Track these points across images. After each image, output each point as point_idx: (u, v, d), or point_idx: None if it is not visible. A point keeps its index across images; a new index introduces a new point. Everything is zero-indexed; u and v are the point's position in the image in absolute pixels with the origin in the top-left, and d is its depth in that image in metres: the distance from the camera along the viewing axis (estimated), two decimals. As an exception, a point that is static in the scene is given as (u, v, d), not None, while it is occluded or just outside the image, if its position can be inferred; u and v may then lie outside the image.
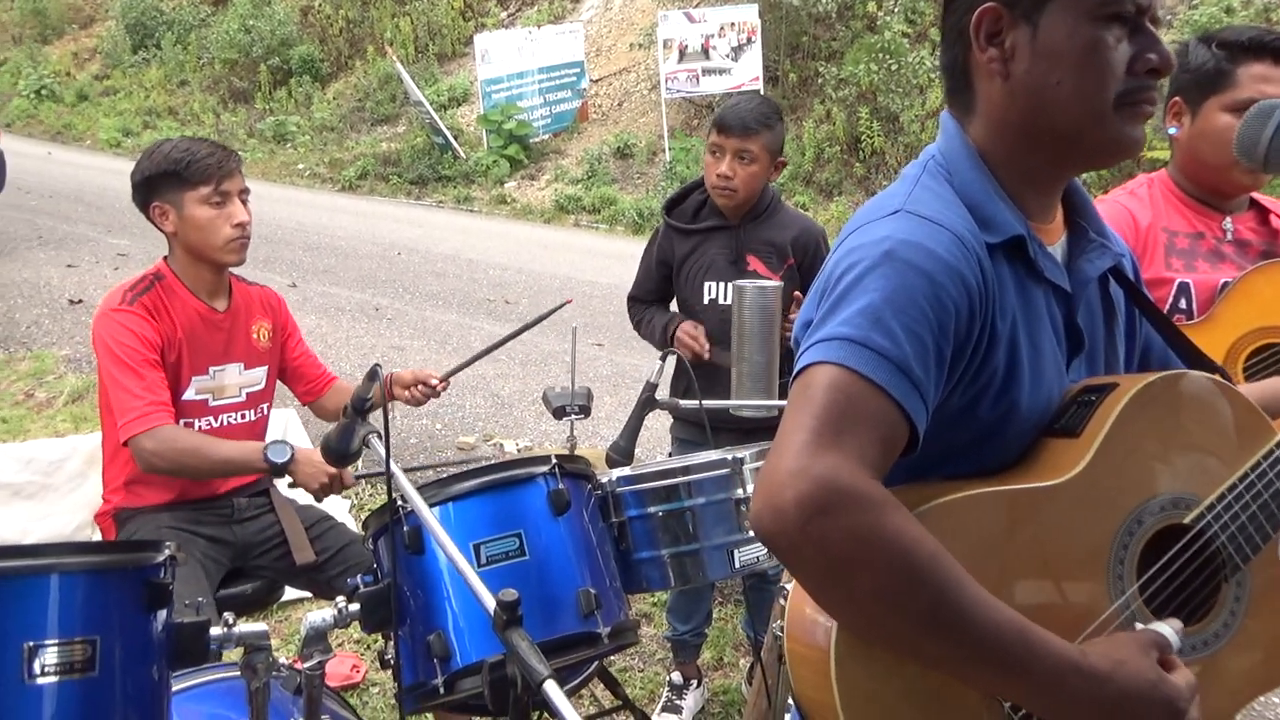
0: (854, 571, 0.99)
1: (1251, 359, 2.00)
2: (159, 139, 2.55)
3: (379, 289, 8.14)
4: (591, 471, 1.94)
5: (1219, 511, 1.18)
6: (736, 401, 2.37)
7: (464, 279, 8.56)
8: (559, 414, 2.24)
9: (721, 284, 2.75)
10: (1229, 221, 2.08)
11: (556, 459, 1.82)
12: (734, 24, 11.80)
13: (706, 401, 2.14)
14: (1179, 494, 1.18)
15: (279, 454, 2.27)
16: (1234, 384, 1.26)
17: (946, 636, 1.00)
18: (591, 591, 1.72)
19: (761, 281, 2.45)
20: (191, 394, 2.47)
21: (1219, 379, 1.23)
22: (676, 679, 3.08)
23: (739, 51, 11.83)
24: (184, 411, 2.45)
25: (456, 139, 13.23)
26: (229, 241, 2.44)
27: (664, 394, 2.26)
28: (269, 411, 2.68)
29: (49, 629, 1.31)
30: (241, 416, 2.57)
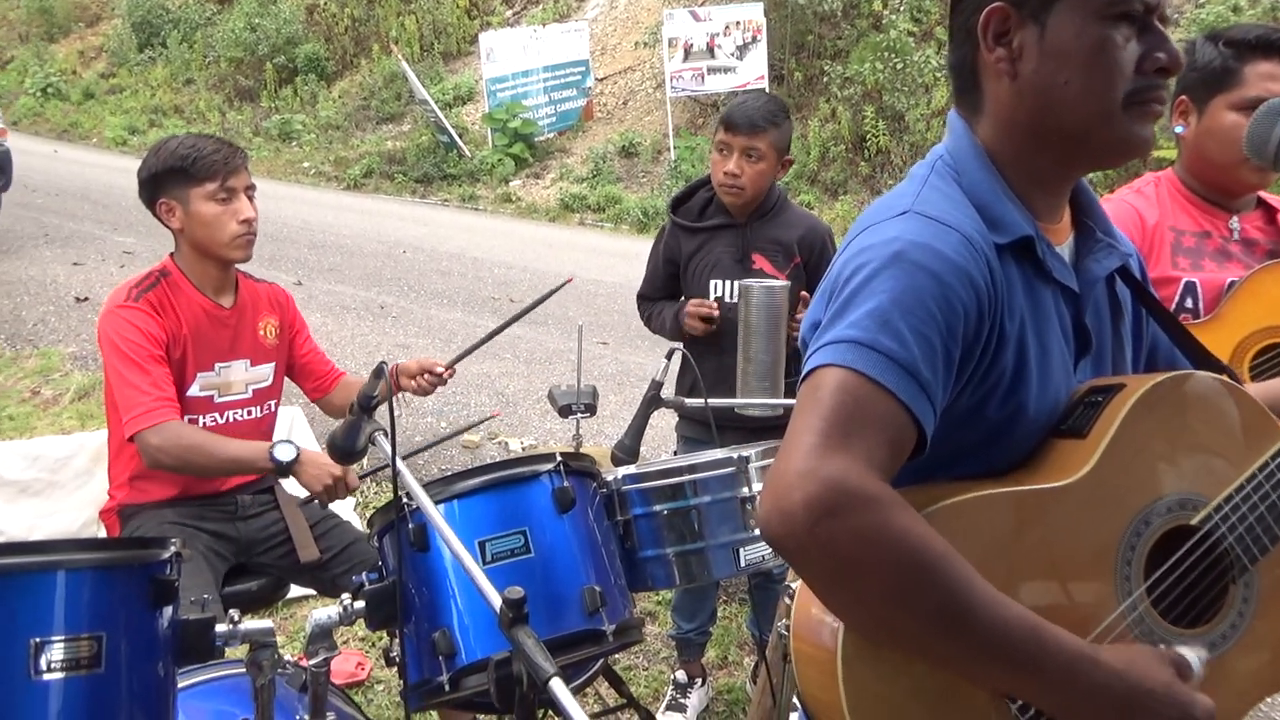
0: (862, 573, 0.99)
1: (1258, 358, 1.99)
2: (165, 136, 2.55)
3: (384, 287, 8.14)
4: (597, 469, 1.93)
5: (1226, 512, 1.17)
6: (742, 400, 2.37)
7: (469, 277, 8.57)
8: (564, 412, 2.24)
9: (727, 282, 2.74)
10: (1236, 220, 2.07)
11: (562, 457, 1.82)
12: (739, 22, 11.79)
13: (712, 400, 2.14)
14: (1186, 495, 1.17)
15: (285, 454, 2.27)
16: (1241, 384, 1.25)
17: (956, 635, 1.00)
18: (596, 589, 1.72)
19: (769, 281, 2.45)
20: (196, 390, 2.47)
21: (1226, 379, 1.23)
22: (681, 677, 3.08)
23: (744, 50, 11.81)
24: (189, 408, 2.45)
25: (461, 137, 13.24)
26: (235, 238, 2.44)
27: (669, 392, 2.26)
28: (276, 409, 2.68)
29: (55, 625, 1.31)
30: (247, 413, 2.57)
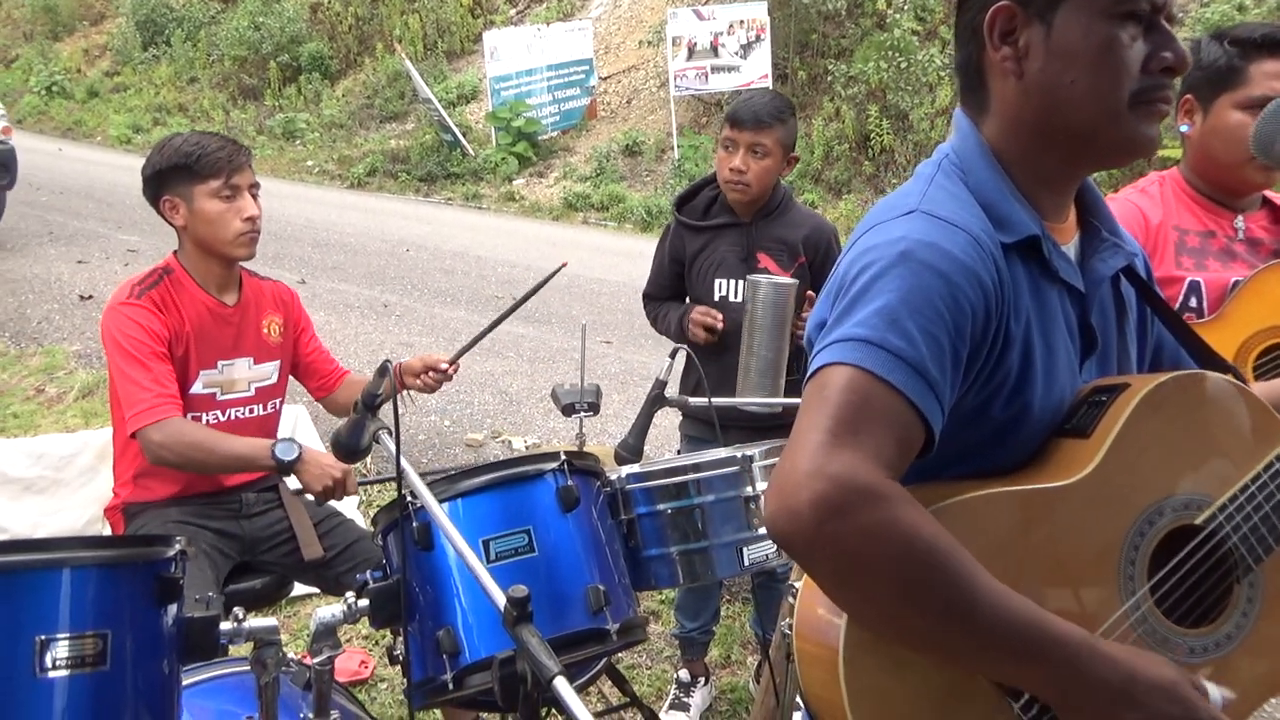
0: (871, 570, 0.99)
1: (1262, 358, 1.99)
2: (169, 134, 2.56)
3: (388, 286, 8.15)
4: (600, 468, 1.94)
5: (1231, 512, 1.17)
6: (744, 400, 2.37)
7: (472, 276, 8.57)
8: (568, 411, 2.24)
9: (732, 281, 2.74)
10: (1241, 220, 2.07)
11: (566, 455, 1.82)
12: (743, 21, 11.79)
13: (716, 399, 2.14)
14: (1191, 494, 1.17)
15: (286, 452, 2.27)
16: (1246, 384, 1.25)
17: (963, 629, 1.00)
18: (600, 588, 1.72)
19: (777, 278, 2.45)
20: (199, 388, 2.47)
21: (1231, 379, 1.23)
22: (684, 677, 3.08)
23: (748, 49, 11.81)
24: (192, 405, 2.45)
25: (465, 136, 13.24)
26: (238, 235, 2.44)
27: (673, 391, 2.25)
28: (280, 407, 2.67)
29: (60, 623, 1.31)
30: (250, 411, 2.56)
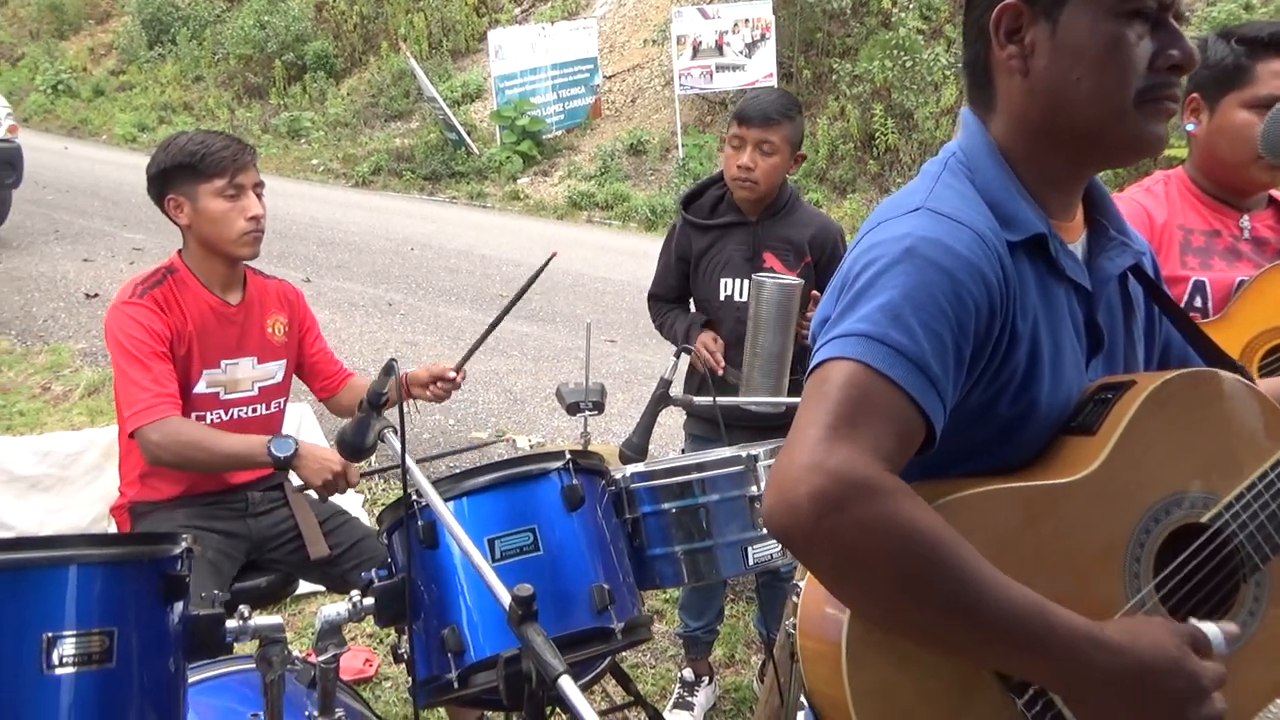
0: (870, 563, 0.99)
1: (1267, 357, 1.99)
2: (174, 133, 2.56)
3: (392, 284, 8.15)
4: (605, 467, 1.94)
5: (1237, 510, 1.17)
6: (747, 399, 2.37)
7: (477, 275, 8.57)
8: (572, 410, 2.24)
9: (738, 281, 2.74)
10: (1246, 219, 2.07)
11: (570, 454, 1.82)
12: (748, 20, 11.77)
13: (720, 399, 2.14)
14: (1197, 492, 1.17)
15: (282, 448, 2.26)
16: (1254, 382, 1.25)
17: (965, 620, 1.00)
18: (605, 587, 1.72)
19: (782, 277, 2.45)
20: (202, 387, 2.48)
21: (1238, 377, 1.22)
22: (688, 676, 3.08)
23: (753, 48, 11.79)
24: (195, 405, 2.46)
25: (470, 135, 13.23)
26: (242, 234, 2.44)
27: (678, 390, 2.26)
28: (284, 406, 2.68)
29: (67, 620, 1.32)
30: (253, 410, 2.57)
